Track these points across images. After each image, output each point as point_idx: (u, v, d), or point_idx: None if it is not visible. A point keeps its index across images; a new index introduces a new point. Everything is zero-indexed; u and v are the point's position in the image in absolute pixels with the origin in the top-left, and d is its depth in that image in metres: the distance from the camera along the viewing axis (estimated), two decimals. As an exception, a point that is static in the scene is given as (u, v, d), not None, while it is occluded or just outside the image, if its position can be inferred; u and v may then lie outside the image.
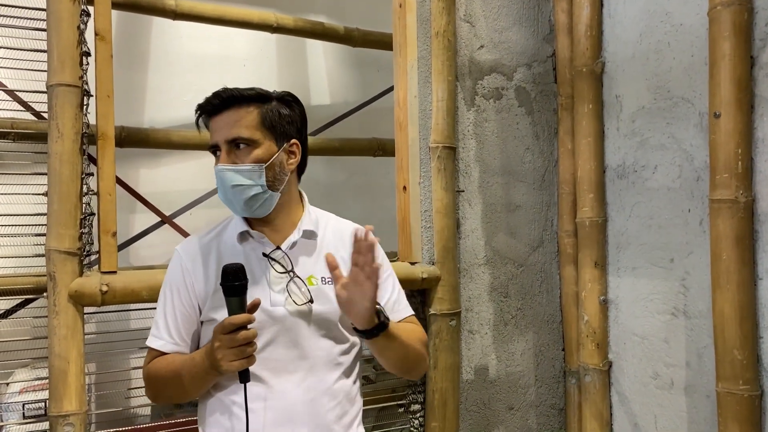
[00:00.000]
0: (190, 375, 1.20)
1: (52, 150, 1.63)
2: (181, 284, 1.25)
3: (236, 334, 1.09)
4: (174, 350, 1.25)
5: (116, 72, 1.77)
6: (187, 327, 1.26)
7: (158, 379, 1.25)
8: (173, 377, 1.22)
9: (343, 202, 2.97)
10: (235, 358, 1.10)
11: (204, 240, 1.29)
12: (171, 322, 1.25)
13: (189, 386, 1.22)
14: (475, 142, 2.18)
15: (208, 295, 1.23)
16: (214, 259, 1.26)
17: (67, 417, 1.60)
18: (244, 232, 1.27)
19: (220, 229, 1.31)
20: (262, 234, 1.27)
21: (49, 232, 1.63)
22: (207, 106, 1.25)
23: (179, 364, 1.22)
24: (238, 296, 1.11)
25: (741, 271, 1.63)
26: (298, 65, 3.08)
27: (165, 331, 1.25)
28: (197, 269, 1.25)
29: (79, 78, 1.66)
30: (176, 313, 1.25)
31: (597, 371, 2.11)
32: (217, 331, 1.11)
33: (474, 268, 2.17)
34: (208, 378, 1.20)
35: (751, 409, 1.62)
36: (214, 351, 1.11)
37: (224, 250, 1.27)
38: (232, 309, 1.11)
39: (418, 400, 2.08)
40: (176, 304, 1.25)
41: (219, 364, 1.12)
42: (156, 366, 1.25)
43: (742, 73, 1.64)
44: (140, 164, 2.76)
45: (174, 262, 1.29)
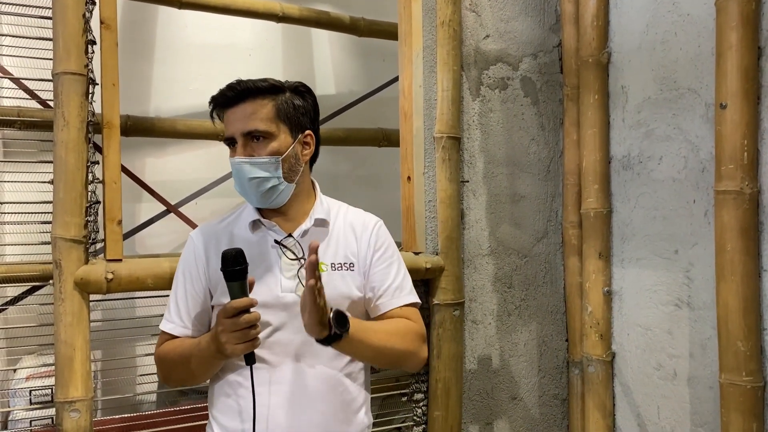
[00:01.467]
0: (197, 359, 1.22)
1: (58, 138, 1.64)
2: (193, 269, 1.28)
3: (239, 317, 1.11)
4: (183, 333, 1.28)
5: (122, 61, 1.77)
6: (197, 311, 1.29)
7: (167, 362, 1.29)
8: (181, 360, 1.25)
9: (347, 192, 2.95)
10: (238, 341, 1.12)
11: (218, 227, 1.33)
12: (182, 306, 1.29)
13: (196, 370, 1.24)
14: (480, 132, 2.18)
15: (219, 280, 1.24)
16: (226, 245, 1.26)
17: (73, 403, 1.61)
18: (256, 220, 1.29)
19: (234, 217, 1.34)
20: (274, 222, 1.29)
21: (55, 220, 1.64)
22: (221, 98, 1.25)
23: (187, 348, 1.25)
24: (238, 280, 1.12)
25: (745, 263, 1.63)
26: (303, 55, 3.08)
27: (176, 314, 1.29)
28: (209, 255, 1.28)
29: (85, 66, 1.66)
30: (187, 297, 1.28)
31: (600, 362, 2.11)
32: (220, 316, 1.13)
33: (478, 258, 2.17)
34: (215, 362, 1.22)
35: (754, 401, 1.63)
36: (218, 335, 1.13)
37: (237, 238, 1.30)
38: (233, 293, 1.12)
39: (421, 389, 2.09)
40: (188, 288, 1.28)
41: (224, 348, 1.14)
42: (166, 349, 1.29)
43: (749, 63, 1.63)
44: (146, 153, 2.77)
45: (188, 247, 1.32)
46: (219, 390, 1.29)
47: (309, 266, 1.07)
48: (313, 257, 1.07)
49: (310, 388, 1.25)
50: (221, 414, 1.27)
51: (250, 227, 1.29)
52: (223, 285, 1.21)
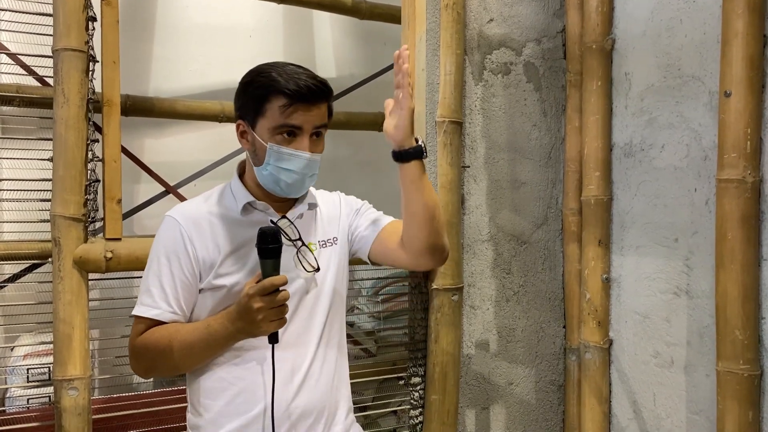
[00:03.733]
0: (204, 343, 1.19)
1: (58, 115, 1.62)
2: (181, 252, 1.23)
3: (276, 294, 1.12)
4: (173, 319, 1.23)
5: (122, 40, 1.76)
6: (187, 296, 1.24)
7: (154, 351, 1.22)
8: (180, 347, 1.20)
9: (347, 177, 2.96)
10: (275, 318, 1.14)
11: (202, 208, 1.29)
12: (169, 291, 1.23)
13: (199, 355, 1.21)
14: (482, 117, 2.17)
15: (215, 262, 1.23)
16: (220, 227, 1.26)
17: (71, 381, 1.62)
18: (249, 203, 1.28)
19: (216, 198, 1.31)
20: (267, 204, 1.29)
21: (54, 198, 1.63)
22: (309, 95, 1.21)
23: (189, 333, 1.20)
24: (273, 258, 1.12)
25: (746, 252, 1.63)
26: (304, 37, 3.06)
27: (162, 299, 1.23)
28: (201, 237, 1.24)
29: (85, 43, 1.65)
30: (175, 281, 1.23)
31: (597, 349, 2.12)
32: (255, 294, 1.11)
33: (477, 244, 2.17)
34: (228, 344, 1.20)
35: (751, 389, 1.63)
36: (251, 313, 1.12)
37: (226, 220, 1.27)
38: (267, 271, 1.12)
39: (418, 373, 2.10)
40: (175, 272, 1.23)
41: (258, 326, 1.13)
42: (152, 337, 1.22)
43: (755, 51, 1.62)
44: (145, 134, 2.76)
45: (171, 229, 1.25)
46: (210, 378, 1.25)
47: (402, 73, 1.21)
48: (406, 66, 1.20)
49: (308, 366, 1.28)
50: (216, 401, 1.24)
51: (243, 209, 1.28)
52: (221, 267, 1.23)
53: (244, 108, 1.26)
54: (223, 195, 1.31)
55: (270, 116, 1.22)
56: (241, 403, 1.23)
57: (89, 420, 1.65)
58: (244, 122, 1.26)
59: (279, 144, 1.23)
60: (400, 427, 2.25)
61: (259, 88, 1.22)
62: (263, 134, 1.23)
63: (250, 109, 1.24)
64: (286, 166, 1.24)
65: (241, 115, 1.27)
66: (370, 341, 2.58)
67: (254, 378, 1.23)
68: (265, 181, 1.27)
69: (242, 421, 1.23)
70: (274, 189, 1.28)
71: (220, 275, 1.24)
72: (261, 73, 1.23)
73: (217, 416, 1.24)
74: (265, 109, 1.22)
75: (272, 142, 1.22)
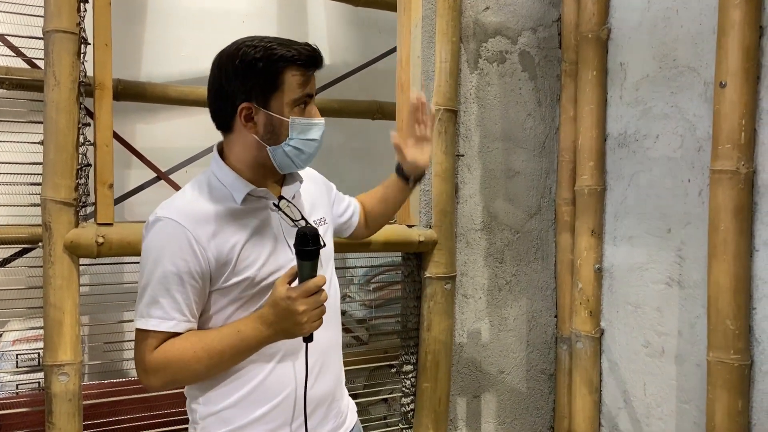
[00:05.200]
0: (235, 350, 1.15)
1: (49, 98, 1.60)
2: (189, 256, 1.15)
3: (319, 295, 1.11)
4: (188, 328, 1.17)
5: (114, 24, 1.73)
6: (198, 300, 1.17)
7: (180, 364, 1.15)
8: (208, 357, 1.14)
9: (340, 165, 2.94)
10: (317, 318, 1.13)
11: (197, 205, 1.20)
12: (181, 299, 1.15)
13: (229, 362, 1.17)
14: (477, 106, 2.16)
15: (231, 260, 1.17)
16: (225, 223, 1.19)
17: (62, 367, 1.60)
18: (249, 192, 1.23)
19: (206, 191, 1.23)
20: (266, 189, 1.25)
21: (45, 182, 1.61)
22: (317, 59, 1.20)
23: (215, 342, 1.15)
24: (312, 260, 1.11)
25: (738, 242, 1.64)
26: (298, 23, 3.03)
27: (174, 309, 1.15)
28: (209, 236, 1.17)
29: (77, 25, 1.62)
30: (186, 287, 1.15)
31: (589, 338, 2.13)
32: (299, 296, 1.09)
33: (471, 233, 2.17)
34: (260, 347, 1.17)
35: (741, 379, 1.65)
36: (295, 315, 1.10)
37: (229, 213, 1.20)
38: (305, 272, 1.11)
39: (410, 361, 2.10)
40: (185, 277, 1.15)
41: (302, 327, 1.12)
42: (173, 350, 1.15)
43: (751, 42, 1.62)
44: (136, 119, 2.73)
45: (173, 231, 1.15)
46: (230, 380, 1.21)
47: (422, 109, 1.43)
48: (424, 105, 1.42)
49: (324, 354, 1.27)
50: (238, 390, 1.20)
51: (242, 199, 1.23)
52: (236, 265, 1.18)
53: (252, 88, 1.17)
54: (211, 186, 1.23)
55: (288, 90, 1.17)
56: (264, 393, 1.21)
57: (80, 406, 1.63)
58: (251, 103, 1.17)
59: (298, 116, 1.20)
60: (391, 415, 2.26)
61: (273, 63, 1.16)
62: (281, 110, 1.18)
63: (261, 87, 1.17)
64: (310, 136, 1.21)
65: (246, 97, 1.17)
66: (362, 329, 2.58)
67: (280, 369, 1.21)
68: (282, 158, 1.21)
69: (265, 410, 1.21)
70: (290, 164, 1.23)
71: (238, 271, 1.18)
72: (265, 49, 1.16)
73: (237, 406, 1.21)
74: (281, 82, 1.17)
75: (293, 116, 1.19)
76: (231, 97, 1.19)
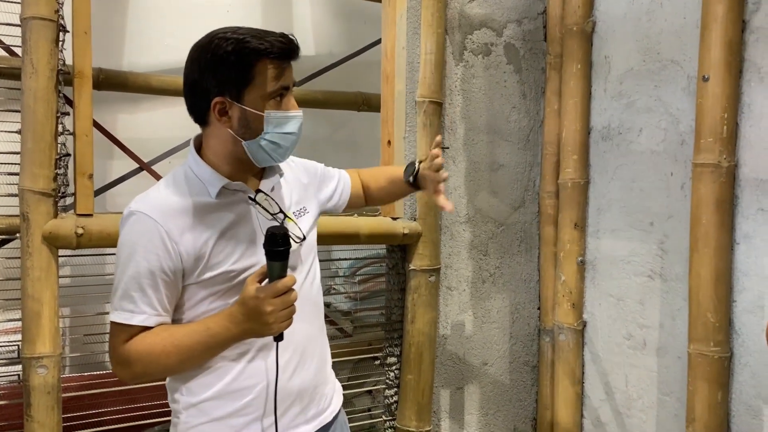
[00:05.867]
0: (204, 346, 1.15)
1: (26, 86, 1.57)
2: (161, 249, 1.15)
3: (289, 295, 1.11)
4: (159, 322, 1.17)
5: (95, 13, 1.70)
6: (170, 295, 1.17)
7: (150, 357, 1.15)
8: (177, 352, 1.15)
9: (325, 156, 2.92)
10: (285, 319, 1.12)
11: (171, 199, 1.19)
12: (152, 293, 1.15)
13: (198, 358, 1.17)
14: (462, 98, 2.15)
15: (203, 255, 1.17)
16: (198, 217, 1.18)
17: (40, 359, 1.58)
18: (224, 186, 1.22)
19: (182, 185, 1.21)
20: (241, 183, 1.24)
21: (23, 172, 1.59)
22: (292, 50, 1.18)
23: (185, 337, 1.15)
24: (282, 260, 1.10)
25: (719, 236, 1.65)
26: (282, 13, 3.01)
27: (145, 303, 1.15)
28: (181, 231, 1.16)
29: (55, 12, 1.59)
30: (158, 281, 1.15)
31: (571, 330, 2.14)
32: (267, 296, 1.08)
33: (455, 225, 2.17)
34: (229, 345, 1.17)
35: (720, 370, 1.66)
36: (263, 315, 1.09)
37: (203, 207, 1.19)
38: (275, 273, 1.10)
39: (394, 353, 2.10)
40: (156, 272, 1.15)
41: (269, 327, 1.11)
42: (143, 344, 1.15)
43: (733, 36, 1.63)
44: (118, 109, 2.70)
45: (143, 225, 1.15)
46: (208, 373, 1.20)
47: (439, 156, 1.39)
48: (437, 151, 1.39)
49: (300, 347, 1.26)
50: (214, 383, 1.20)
51: (217, 193, 1.21)
52: (208, 260, 1.17)
53: (225, 82, 1.15)
54: (187, 180, 1.22)
55: (260, 83, 1.15)
56: (242, 385, 1.20)
57: (59, 398, 1.62)
58: (224, 98, 1.16)
59: (274, 109, 1.18)
60: (375, 407, 2.26)
61: (245, 56, 1.14)
62: (255, 103, 1.16)
63: (234, 81, 1.15)
64: (286, 129, 1.19)
65: (219, 91, 1.16)
66: (347, 321, 2.58)
67: (257, 360, 1.21)
68: (258, 152, 1.20)
69: (244, 402, 1.20)
70: (266, 158, 1.21)
71: (212, 266, 1.18)
72: (237, 42, 1.14)
73: (217, 398, 1.20)
74: (253, 76, 1.15)
75: (268, 109, 1.17)
76: (205, 92, 1.17)
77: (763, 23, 1.61)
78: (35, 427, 1.58)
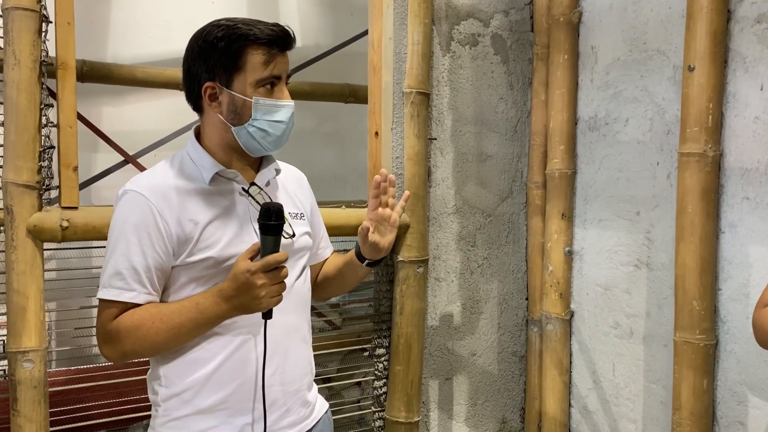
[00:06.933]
0: (193, 323, 1.15)
1: (8, 78, 1.55)
2: (152, 228, 1.16)
3: (280, 271, 1.12)
4: (148, 300, 1.17)
5: (78, 3, 1.68)
6: (159, 275, 1.18)
7: (138, 334, 1.15)
8: (166, 329, 1.14)
9: (313, 149, 2.92)
10: (276, 294, 1.13)
11: (166, 181, 1.21)
12: (142, 271, 1.16)
13: (187, 335, 1.16)
14: (449, 89, 2.15)
15: (192, 238, 1.18)
16: (191, 200, 1.20)
17: (26, 353, 1.57)
18: (218, 172, 1.23)
19: (177, 169, 1.23)
20: (236, 172, 1.25)
21: (6, 164, 1.57)
22: (287, 40, 1.20)
23: (174, 314, 1.15)
24: (275, 235, 1.11)
25: (705, 225, 1.66)
26: (268, 4, 2.99)
27: (135, 281, 1.16)
28: (173, 212, 1.17)
29: (37, 2, 1.57)
30: (148, 260, 1.16)
31: (559, 320, 2.15)
32: (258, 270, 1.09)
33: (443, 216, 2.17)
34: (219, 322, 1.17)
35: (706, 358, 1.68)
36: (253, 289, 1.10)
37: (193, 191, 1.21)
38: (268, 247, 1.11)
39: (383, 344, 2.10)
40: (147, 250, 1.16)
41: (259, 302, 1.12)
42: (131, 320, 1.15)
43: (719, 26, 1.63)
44: (102, 101, 2.67)
45: (137, 204, 1.17)
46: (191, 350, 1.20)
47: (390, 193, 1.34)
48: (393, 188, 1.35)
49: (286, 339, 1.26)
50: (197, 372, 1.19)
51: (211, 179, 1.23)
52: (198, 242, 1.18)
53: (214, 67, 1.18)
54: (183, 164, 1.24)
55: (250, 70, 1.18)
56: (225, 374, 1.20)
57: (45, 393, 1.60)
58: (214, 83, 1.19)
59: (264, 96, 1.19)
60: (364, 398, 2.26)
61: (234, 42, 1.16)
62: (244, 90, 1.18)
63: (223, 67, 1.18)
64: (276, 117, 1.21)
65: (210, 77, 1.19)
66: (335, 314, 2.58)
67: (241, 349, 1.21)
68: (247, 139, 1.21)
69: (227, 392, 1.20)
70: (256, 146, 1.23)
71: (199, 250, 1.18)
72: (227, 28, 1.17)
73: (198, 387, 1.20)
74: (243, 62, 1.17)
75: (257, 96, 1.19)
76: (197, 77, 1.21)
77: (748, 13, 1.62)
78: (22, 422, 1.57)
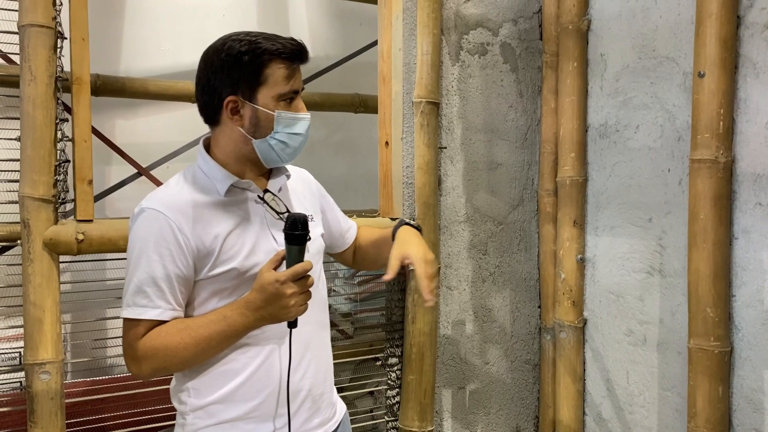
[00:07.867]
0: (222, 335, 1.16)
1: (25, 93, 1.58)
2: (173, 244, 1.17)
3: (306, 279, 1.14)
4: (174, 316, 1.18)
5: (91, 19, 1.70)
6: (183, 290, 1.19)
7: (167, 351, 1.16)
8: (195, 344, 1.15)
9: (323, 159, 2.94)
10: (304, 302, 1.15)
11: (182, 196, 1.22)
12: (166, 287, 1.17)
13: (216, 348, 1.18)
14: (459, 98, 2.16)
15: (214, 251, 1.19)
16: (208, 214, 1.21)
17: (43, 365, 1.59)
18: (233, 184, 1.24)
19: (191, 183, 1.25)
20: (250, 182, 1.27)
21: (23, 179, 1.59)
22: (303, 55, 1.23)
23: (202, 328, 1.16)
24: (300, 245, 1.14)
25: (717, 231, 1.66)
26: (278, 17, 3.01)
27: (159, 298, 1.17)
28: (192, 226, 1.19)
29: (53, 19, 1.60)
30: (171, 276, 1.17)
31: (572, 328, 2.15)
32: (287, 279, 1.11)
33: (454, 225, 2.18)
34: (246, 333, 1.18)
35: (721, 365, 1.67)
36: (283, 298, 1.12)
37: (209, 204, 1.22)
38: (293, 257, 1.13)
39: (395, 353, 2.10)
40: (169, 266, 1.17)
41: (288, 311, 1.14)
42: (159, 337, 1.16)
43: (728, 32, 1.63)
44: (116, 115, 2.70)
45: (156, 221, 1.18)
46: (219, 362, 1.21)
47: None
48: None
49: (310, 344, 1.28)
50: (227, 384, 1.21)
51: (227, 191, 1.24)
52: (219, 255, 1.19)
53: (238, 81, 1.19)
54: (196, 178, 1.25)
55: (273, 84, 1.20)
56: (255, 383, 1.21)
57: (62, 404, 1.62)
58: (237, 96, 1.20)
59: (284, 110, 1.22)
60: (377, 408, 2.26)
61: (258, 57, 1.18)
62: (267, 103, 1.20)
63: (247, 81, 1.19)
64: (295, 130, 1.23)
65: (233, 91, 1.20)
66: (347, 323, 2.58)
67: (270, 359, 1.23)
68: (267, 151, 1.24)
69: (256, 402, 1.21)
70: (275, 158, 1.25)
71: (221, 262, 1.20)
72: (250, 43, 1.18)
73: (229, 399, 1.21)
74: (266, 76, 1.19)
75: (278, 109, 1.21)
76: (217, 91, 1.21)
77: (758, 19, 1.61)
78: (39, 433, 1.59)
